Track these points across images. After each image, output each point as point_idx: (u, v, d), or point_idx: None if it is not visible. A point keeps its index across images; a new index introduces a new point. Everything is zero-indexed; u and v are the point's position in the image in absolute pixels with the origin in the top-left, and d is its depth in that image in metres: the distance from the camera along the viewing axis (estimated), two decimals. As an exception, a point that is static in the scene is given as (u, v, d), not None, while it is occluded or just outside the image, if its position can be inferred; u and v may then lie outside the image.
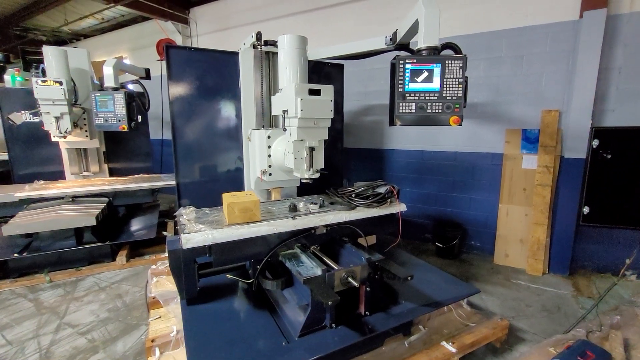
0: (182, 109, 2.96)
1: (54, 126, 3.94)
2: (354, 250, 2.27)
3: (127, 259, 3.88)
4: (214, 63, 3.04)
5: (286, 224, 2.12)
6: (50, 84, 3.80)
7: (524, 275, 3.65)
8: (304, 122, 2.24)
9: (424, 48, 2.03)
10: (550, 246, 3.67)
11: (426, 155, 4.42)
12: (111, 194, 4.22)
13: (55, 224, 3.53)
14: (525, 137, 3.70)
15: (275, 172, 2.74)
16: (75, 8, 6.65)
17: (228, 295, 2.39)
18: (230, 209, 2.05)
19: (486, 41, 3.83)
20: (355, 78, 4.67)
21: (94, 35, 8.72)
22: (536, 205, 3.64)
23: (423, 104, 2.04)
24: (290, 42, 2.44)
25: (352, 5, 4.69)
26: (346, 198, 2.56)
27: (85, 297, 3.16)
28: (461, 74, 2.01)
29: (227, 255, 2.05)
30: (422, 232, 4.60)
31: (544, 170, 3.56)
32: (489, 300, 3.10)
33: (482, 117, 3.98)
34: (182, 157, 3.03)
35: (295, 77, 2.46)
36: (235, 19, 5.92)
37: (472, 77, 3.97)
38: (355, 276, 2.05)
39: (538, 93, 3.64)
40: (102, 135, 4.82)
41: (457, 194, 4.28)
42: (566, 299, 3.14)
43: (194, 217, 2.19)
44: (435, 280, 2.62)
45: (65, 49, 4.17)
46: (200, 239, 1.86)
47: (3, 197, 3.91)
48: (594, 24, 3.17)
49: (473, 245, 4.25)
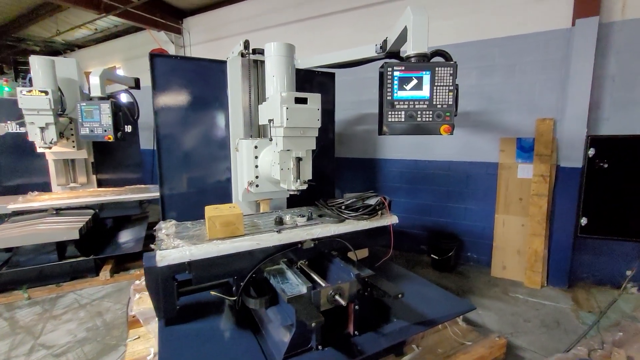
0: (167, 119, 2.87)
1: (39, 136, 3.84)
2: (342, 265, 2.15)
3: (112, 274, 3.74)
4: (201, 72, 2.97)
5: (270, 238, 2.02)
6: (36, 93, 3.71)
7: (522, 288, 3.54)
8: (290, 132, 2.16)
9: (413, 55, 1.96)
10: (549, 258, 3.57)
11: (420, 164, 4.34)
12: (97, 206, 4.10)
13: (36, 238, 3.39)
14: (520, 146, 3.64)
15: (263, 183, 2.64)
16: (68, 18, 6.62)
17: (211, 314, 2.26)
18: (211, 223, 1.95)
19: (478, 50, 3.80)
20: (349, 87, 4.62)
21: (88, 45, 8.71)
22: (533, 215, 3.55)
23: (413, 112, 1.96)
24: (277, 50, 2.38)
25: (345, 14, 4.68)
26: (335, 210, 2.46)
27: (63, 315, 3.01)
28: (451, 82, 1.94)
29: (207, 273, 1.94)
30: (417, 244, 4.49)
31: (539, 179, 3.49)
32: (486, 316, 2.98)
33: (476, 126, 3.92)
34: (167, 168, 2.92)
35: (282, 85, 2.39)
36: (228, 28, 5.90)
37: (464, 86, 3.94)
38: (343, 294, 1.93)
39: (532, 101, 3.59)
40: (90, 146, 4.72)
41: (452, 204, 4.19)
42: (566, 313, 3.02)
43: (174, 231, 2.08)
44: (430, 296, 2.51)
45: (53, 59, 4.10)
46: (176, 256, 1.75)
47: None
48: (586, 32, 3.14)
49: (469, 257, 4.14)
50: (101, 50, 8.38)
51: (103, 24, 7.32)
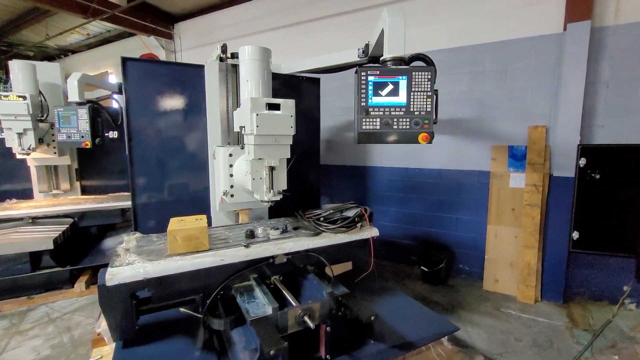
0: (141, 125, 2.75)
1: (17, 142, 3.74)
2: (315, 282, 2.01)
3: (87, 286, 3.59)
4: (177, 77, 2.86)
5: (236, 254, 1.89)
6: (13, 98, 3.61)
7: (514, 303, 3.38)
8: (261, 140, 2.04)
9: (389, 59, 1.84)
10: (543, 271, 3.42)
11: (410, 172, 4.21)
12: (77, 215, 3.96)
13: (8, 248, 3.25)
14: (512, 154, 3.51)
15: (238, 192, 2.52)
16: (58, 23, 6.56)
17: (175, 334, 2.11)
18: (172, 237, 1.81)
19: (470, 54, 3.69)
20: (338, 93, 4.51)
21: (81, 50, 8.66)
22: (525, 226, 3.40)
23: (388, 119, 1.84)
24: (251, 53, 2.27)
25: (334, 18, 4.59)
26: (312, 222, 2.33)
27: (30, 331, 2.86)
28: (429, 87, 1.82)
29: (168, 290, 1.80)
30: (407, 254, 4.33)
31: (532, 189, 3.35)
32: (475, 333, 2.82)
33: (467, 134, 3.79)
34: (140, 176, 2.80)
35: (256, 90, 2.27)
36: (219, 33, 5.82)
37: (455, 92, 3.84)
38: (313, 314, 1.79)
39: (524, 108, 3.47)
40: (74, 152, 4.61)
41: (443, 213, 4.04)
42: (560, 331, 2.86)
43: (134, 245, 1.95)
44: (412, 315, 2.36)
45: (35, 63, 4.01)
46: (129, 274, 1.61)
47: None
48: (578, 37, 3.03)
49: (461, 269, 3.98)
50: (94, 56, 8.33)
51: (95, 29, 7.27)
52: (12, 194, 4.36)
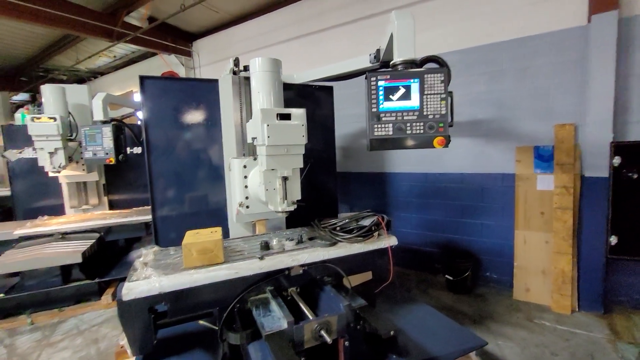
0: (159, 140, 2.83)
1: (48, 161, 3.95)
2: (332, 294, 1.96)
3: (114, 298, 3.69)
4: (193, 92, 2.93)
5: (251, 266, 1.87)
6: (44, 120, 3.83)
7: (549, 313, 3.16)
8: (272, 150, 2.04)
9: (399, 62, 1.80)
10: (579, 278, 3.18)
11: (430, 178, 4.09)
12: (103, 229, 4.11)
13: (40, 262, 3.41)
14: (538, 155, 3.33)
15: (254, 204, 2.51)
16: (87, 47, 6.97)
17: (194, 348, 2.11)
18: (187, 251, 1.82)
19: (485, 54, 3.57)
20: (353, 100, 4.48)
21: (109, 72, 9.15)
22: (557, 231, 3.20)
23: (401, 124, 1.79)
24: (261, 65, 2.29)
25: (344, 27, 4.59)
26: (328, 232, 2.28)
27: (60, 343, 2.96)
28: (443, 89, 1.75)
29: (184, 304, 1.80)
30: (430, 262, 4.18)
31: (562, 191, 3.15)
32: (507, 347, 2.65)
33: (489, 135, 3.64)
34: (159, 190, 2.87)
35: (268, 101, 2.28)
36: (233, 48, 5.97)
37: (473, 93, 3.71)
38: (330, 328, 1.73)
39: (548, 106, 3.29)
40: (101, 168, 4.81)
41: (467, 219, 3.88)
42: (601, 344, 2.63)
43: (152, 259, 1.97)
44: (436, 328, 2.25)
45: (64, 86, 4.25)
46: (144, 289, 1.62)
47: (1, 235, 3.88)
48: (604, 28, 2.86)
49: (488, 277, 3.79)
50: (120, 76, 8.77)
51: (121, 51, 7.67)
52: (45, 210, 4.60)
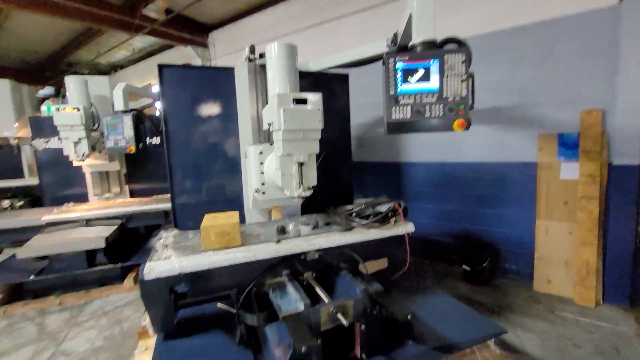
0: (177, 129, 2.87)
1: (72, 150, 4.09)
2: (349, 279, 1.96)
3: (135, 282, 3.82)
4: (210, 80, 2.95)
5: (267, 249, 1.89)
6: (68, 110, 3.96)
7: (571, 306, 3.07)
8: (289, 135, 2.04)
9: (418, 43, 1.75)
10: (604, 270, 3.07)
11: (447, 167, 4.00)
12: (125, 216, 4.25)
13: (66, 247, 3.57)
14: (563, 142, 3.20)
15: (270, 190, 2.52)
16: (107, 41, 7.13)
17: (213, 328, 2.17)
18: (205, 233, 1.86)
19: (506, 39, 3.44)
20: (369, 88, 4.41)
21: (129, 65, 9.35)
22: (582, 221, 3.08)
23: (420, 107, 1.74)
24: (277, 51, 2.28)
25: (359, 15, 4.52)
26: (344, 217, 2.28)
27: (87, 323, 3.10)
28: (464, 70, 1.70)
29: (202, 286, 1.85)
30: (447, 253, 4.12)
31: (588, 180, 3.03)
32: (527, 339, 2.59)
33: (509, 122, 3.53)
34: (178, 178, 2.92)
35: (283, 87, 2.28)
36: (248, 39, 5.96)
37: (494, 80, 3.59)
38: (346, 312, 1.74)
39: (573, 92, 3.15)
40: (122, 158, 4.95)
41: (485, 209, 3.79)
42: (628, 338, 2.54)
43: (172, 241, 2.03)
44: (453, 315, 2.22)
45: (86, 78, 4.38)
46: (165, 269, 1.67)
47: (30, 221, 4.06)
48: (637, 8, 2.69)
49: (507, 268, 3.70)
50: (140, 69, 8.95)
51: (139, 44, 7.81)
52: (71, 197, 4.79)
